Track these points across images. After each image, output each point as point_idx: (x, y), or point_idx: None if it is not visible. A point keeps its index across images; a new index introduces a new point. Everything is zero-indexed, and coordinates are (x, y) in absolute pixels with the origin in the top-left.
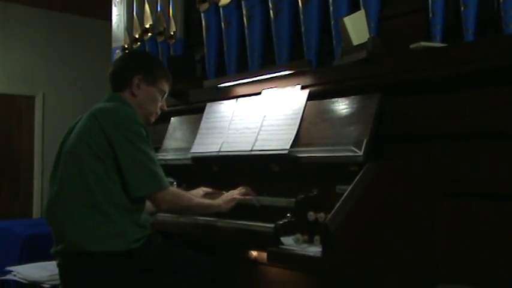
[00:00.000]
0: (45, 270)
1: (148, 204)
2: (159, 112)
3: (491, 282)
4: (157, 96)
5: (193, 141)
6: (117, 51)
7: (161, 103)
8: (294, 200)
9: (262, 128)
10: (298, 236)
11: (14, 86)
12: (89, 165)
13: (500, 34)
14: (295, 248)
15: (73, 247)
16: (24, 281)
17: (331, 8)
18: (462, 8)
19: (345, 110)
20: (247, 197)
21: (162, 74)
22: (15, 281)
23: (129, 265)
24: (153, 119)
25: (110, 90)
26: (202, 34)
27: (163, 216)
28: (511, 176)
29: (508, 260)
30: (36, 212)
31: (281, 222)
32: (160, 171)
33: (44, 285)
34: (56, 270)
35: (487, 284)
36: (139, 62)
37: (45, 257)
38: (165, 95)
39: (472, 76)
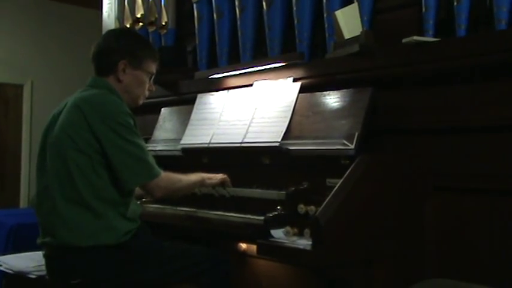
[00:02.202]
0: (31, 260)
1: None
2: (147, 94)
3: (480, 276)
4: (144, 79)
5: (183, 133)
6: (100, 37)
7: (149, 84)
8: (284, 192)
9: (254, 120)
10: (288, 228)
11: (1, 74)
12: (74, 160)
13: (492, 30)
14: (285, 241)
15: (61, 242)
16: (10, 271)
17: (324, 1)
18: (455, 3)
19: (337, 103)
20: (227, 182)
21: (148, 54)
22: (0, 271)
23: (119, 258)
24: (141, 101)
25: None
26: (194, 25)
27: (149, 207)
28: (500, 171)
29: (496, 254)
30: (23, 201)
31: (271, 215)
32: (152, 160)
33: (30, 276)
34: (43, 261)
35: (475, 278)
36: (123, 44)
37: (31, 247)
38: (153, 76)
39: (463, 71)
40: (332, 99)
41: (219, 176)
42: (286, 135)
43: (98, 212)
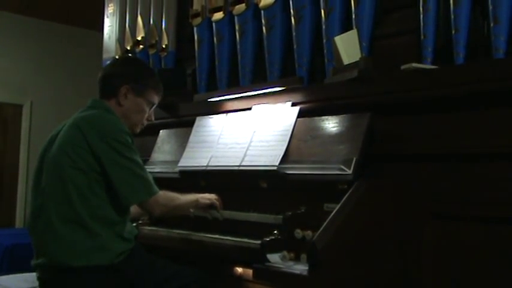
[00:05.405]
0: (25, 281)
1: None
2: (145, 123)
3: None
4: (144, 108)
5: (181, 155)
6: (108, 62)
7: (148, 114)
8: (281, 216)
9: (252, 144)
10: (285, 253)
11: (1, 93)
12: (72, 178)
13: (490, 58)
14: (281, 266)
15: (54, 262)
16: None
17: (323, 27)
18: (453, 32)
19: (335, 128)
20: (217, 205)
21: (152, 84)
22: None
23: (112, 279)
24: (138, 130)
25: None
26: (194, 48)
27: (144, 229)
28: (498, 198)
29: (496, 281)
30: (19, 221)
31: (268, 239)
32: (150, 177)
33: None
34: (37, 282)
35: None
36: (129, 70)
37: (26, 267)
38: (154, 107)
39: (461, 98)
40: (330, 124)
41: (212, 196)
42: (284, 159)
43: (93, 231)
